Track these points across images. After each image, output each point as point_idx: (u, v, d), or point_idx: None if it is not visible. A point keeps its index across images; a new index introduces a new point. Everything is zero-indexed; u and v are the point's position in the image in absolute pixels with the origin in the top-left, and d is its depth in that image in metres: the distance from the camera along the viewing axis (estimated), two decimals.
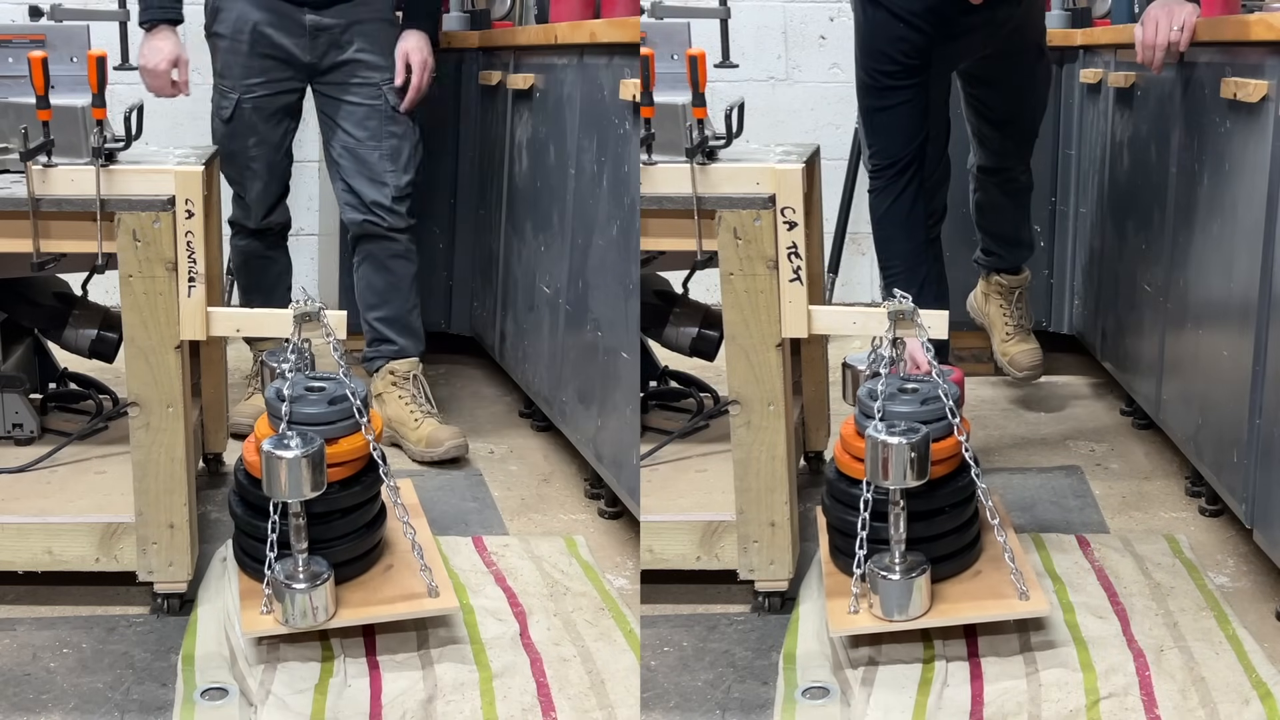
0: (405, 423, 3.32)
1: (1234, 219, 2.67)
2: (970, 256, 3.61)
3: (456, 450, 3.27)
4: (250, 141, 3.27)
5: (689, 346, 3.10)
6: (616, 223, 2.76)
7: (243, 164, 3.30)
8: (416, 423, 3.31)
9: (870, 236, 2.95)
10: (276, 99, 3.27)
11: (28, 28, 2.90)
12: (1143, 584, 2.58)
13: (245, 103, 3.24)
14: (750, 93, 3.72)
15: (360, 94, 3.29)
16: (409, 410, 3.33)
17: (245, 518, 2.38)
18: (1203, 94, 2.86)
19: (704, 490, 2.66)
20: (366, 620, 2.33)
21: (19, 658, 2.35)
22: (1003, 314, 3.61)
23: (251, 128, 3.26)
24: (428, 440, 3.28)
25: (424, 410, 3.35)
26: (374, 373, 3.42)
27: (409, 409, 3.34)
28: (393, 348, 3.40)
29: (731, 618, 2.50)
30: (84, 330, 2.96)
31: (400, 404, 3.35)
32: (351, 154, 3.30)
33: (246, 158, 3.29)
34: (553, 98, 3.24)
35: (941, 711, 2.18)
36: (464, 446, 3.29)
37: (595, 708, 2.22)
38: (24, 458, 2.76)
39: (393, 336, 3.40)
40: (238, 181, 3.34)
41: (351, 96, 3.29)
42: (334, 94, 3.30)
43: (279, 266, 3.53)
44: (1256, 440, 2.52)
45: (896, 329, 2.37)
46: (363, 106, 3.29)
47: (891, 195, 2.79)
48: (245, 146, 3.28)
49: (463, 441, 3.29)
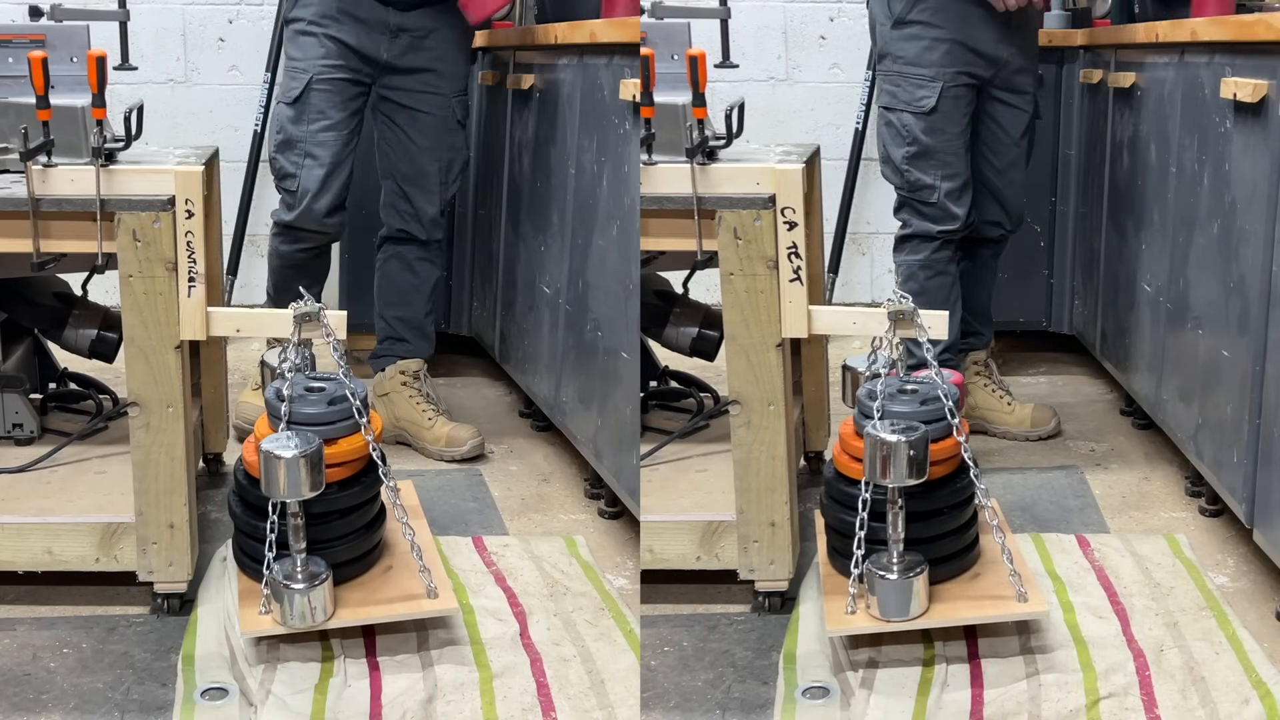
0: (418, 422, 3.31)
1: (1234, 219, 2.67)
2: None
3: (477, 449, 3.28)
4: (319, 125, 3.16)
5: (689, 346, 3.10)
6: (616, 223, 2.76)
7: (305, 150, 3.17)
8: (430, 422, 3.31)
9: (871, 236, 2.97)
10: (349, 88, 3.19)
11: (28, 28, 2.89)
12: (1143, 584, 2.58)
13: (317, 84, 3.16)
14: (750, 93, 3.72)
15: (431, 104, 3.29)
16: (421, 410, 3.33)
17: (244, 518, 2.38)
18: (1203, 94, 2.86)
19: (704, 490, 2.66)
20: (365, 621, 2.32)
21: (19, 658, 2.35)
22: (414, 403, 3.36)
23: (321, 112, 3.17)
24: (448, 440, 3.28)
25: (435, 409, 3.35)
26: (380, 370, 3.41)
27: (420, 408, 3.33)
28: (406, 347, 3.41)
29: (731, 618, 2.50)
30: (84, 330, 2.96)
31: (411, 404, 3.34)
32: (411, 160, 3.31)
33: (312, 142, 3.17)
34: (553, 98, 3.24)
35: (942, 712, 2.17)
36: (483, 444, 3.30)
37: (595, 708, 2.22)
38: (24, 458, 2.76)
39: (407, 337, 3.41)
40: (293, 173, 3.19)
41: (422, 105, 3.28)
42: (403, 100, 3.27)
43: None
44: (1256, 440, 2.52)
45: (896, 329, 2.37)
46: (431, 116, 3.29)
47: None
48: (310, 132, 3.16)
49: (482, 439, 3.30)
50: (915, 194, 3.15)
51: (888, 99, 3.16)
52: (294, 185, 3.20)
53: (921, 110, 3.09)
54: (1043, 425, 3.41)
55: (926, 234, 3.17)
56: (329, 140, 3.17)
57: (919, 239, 3.18)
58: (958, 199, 3.14)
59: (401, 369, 3.38)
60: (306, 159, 3.18)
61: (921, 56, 3.09)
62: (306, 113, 3.17)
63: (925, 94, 3.08)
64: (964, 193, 3.15)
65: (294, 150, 3.18)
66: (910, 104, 3.10)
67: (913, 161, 3.12)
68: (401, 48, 3.23)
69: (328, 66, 3.17)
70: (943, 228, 3.15)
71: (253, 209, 4.43)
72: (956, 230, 3.16)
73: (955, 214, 3.13)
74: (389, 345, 3.42)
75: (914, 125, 3.10)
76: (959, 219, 3.14)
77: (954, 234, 3.16)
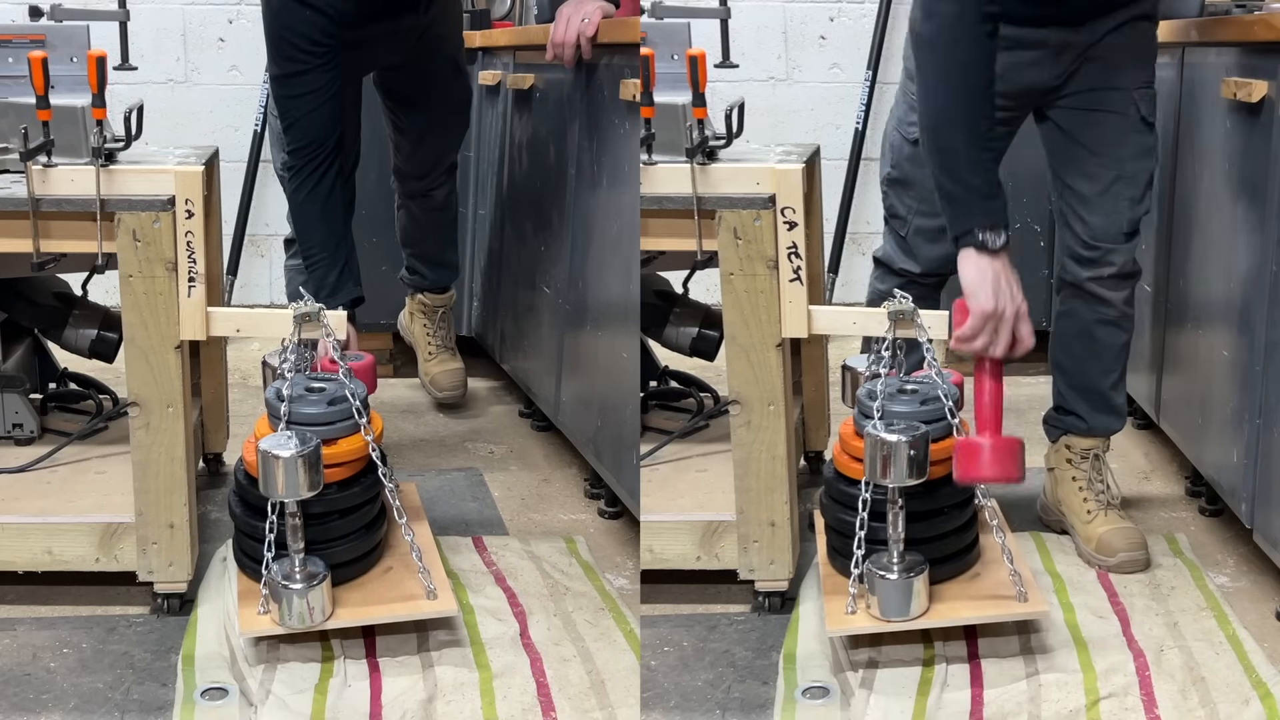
0: (420, 347, 3.59)
1: (1234, 219, 2.67)
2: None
3: (453, 398, 3.62)
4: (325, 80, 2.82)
5: (689, 346, 3.09)
6: (616, 223, 2.76)
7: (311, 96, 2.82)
8: (430, 356, 3.60)
9: (871, 237, 2.94)
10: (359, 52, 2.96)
11: (28, 28, 2.89)
12: (1143, 584, 2.58)
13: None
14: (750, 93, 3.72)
15: (443, 69, 3.31)
16: (426, 339, 3.64)
17: (244, 518, 2.38)
18: (1203, 94, 2.86)
19: (704, 490, 2.66)
20: (363, 622, 2.32)
21: (19, 658, 2.35)
22: (426, 333, 3.69)
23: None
24: (433, 379, 3.61)
25: (439, 344, 3.62)
26: (408, 295, 3.69)
27: (426, 337, 3.64)
28: (422, 280, 3.63)
29: (731, 618, 2.50)
30: (84, 330, 2.96)
31: (423, 330, 3.65)
32: (432, 122, 3.36)
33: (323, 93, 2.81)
34: (553, 98, 3.24)
35: (941, 712, 2.17)
36: (459, 395, 3.62)
37: (595, 708, 2.22)
38: (24, 458, 2.76)
39: (423, 270, 3.64)
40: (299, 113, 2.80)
41: (436, 66, 3.29)
42: (411, 82, 3.28)
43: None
44: (1256, 440, 2.52)
45: (896, 329, 2.37)
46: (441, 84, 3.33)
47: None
48: (326, 82, 2.79)
49: (461, 392, 3.58)
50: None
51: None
52: (298, 121, 3.11)
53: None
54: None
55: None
56: (341, 93, 3.17)
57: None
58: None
59: (422, 301, 3.66)
60: (311, 96, 3.14)
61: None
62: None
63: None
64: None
65: (299, 102, 3.15)
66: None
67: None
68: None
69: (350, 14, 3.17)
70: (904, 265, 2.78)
71: (253, 209, 4.43)
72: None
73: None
74: (410, 276, 3.66)
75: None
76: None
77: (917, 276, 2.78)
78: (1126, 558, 2.61)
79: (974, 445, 2.22)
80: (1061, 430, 2.78)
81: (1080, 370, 2.72)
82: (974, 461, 2.22)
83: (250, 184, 4.39)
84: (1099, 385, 2.72)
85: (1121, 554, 2.61)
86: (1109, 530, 2.65)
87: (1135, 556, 2.62)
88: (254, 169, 4.38)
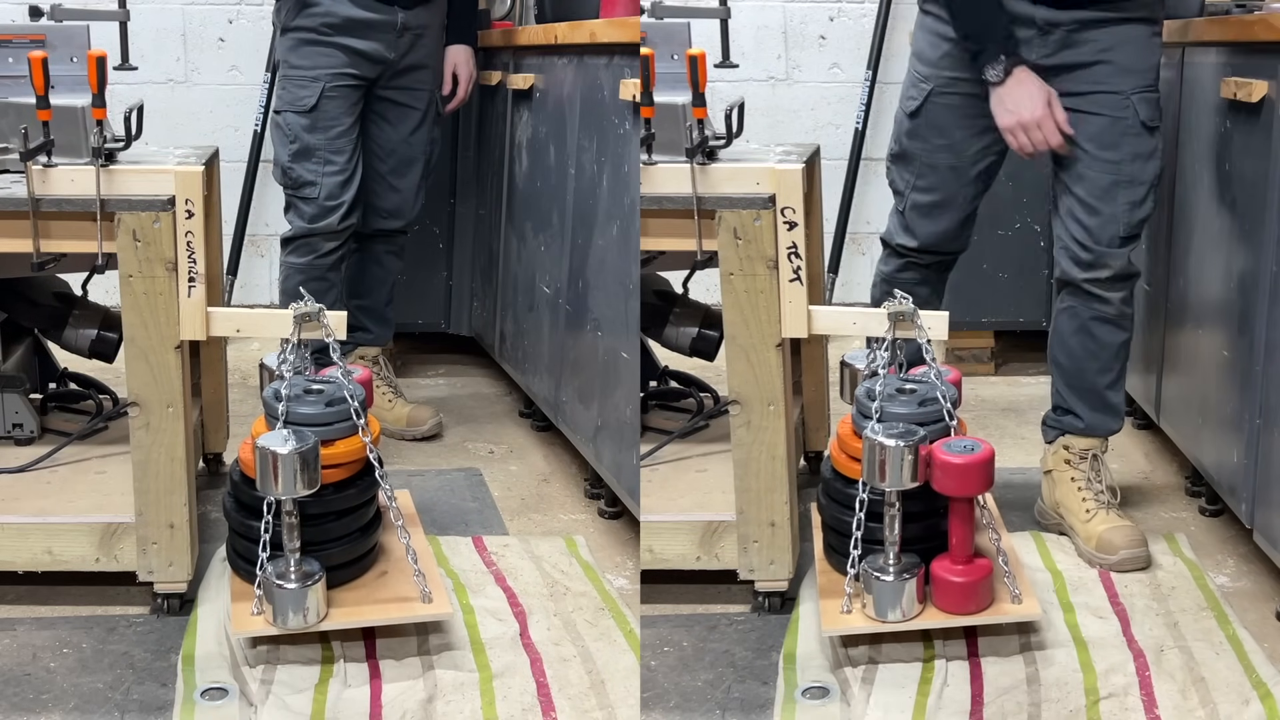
0: (379, 404, 3.47)
1: (1234, 219, 2.67)
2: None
3: (437, 428, 3.48)
4: (334, 131, 3.24)
5: (689, 346, 3.09)
6: (616, 223, 2.76)
7: (324, 156, 3.24)
8: (391, 404, 3.49)
9: (871, 236, 2.94)
10: (354, 93, 3.27)
11: (28, 28, 2.89)
12: (1143, 584, 2.58)
13: (330, 91, 3.23)
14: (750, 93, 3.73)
15: (418, 99, 3.38)
16: (381, 393, 3.49)
17: (238, 518, 2.38)
18: (1203, 94, 2.86)
19: (704, 490, 2.66)
20: (358, 623, 2.32)
21: (19, 658, 2.34)
22: (378, 385, 3.49)
23: (335, 118, 3.24)
24: (409, 419, 3.47)
25: (395, 392, 3.53)
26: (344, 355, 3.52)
27: (381, 391, 3.49)
28: (368, 336, 3.55)
29: (731, 618, 2.50)
30: (84, 330, 2.96)
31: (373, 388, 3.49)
32: (395, 155, 3.39)
33: (330, 149, 3.24)
34: (553, 98, 3.24)
35: (941, 711, 2.17)
36: (441, 424, 3.51)
37: (595, 708, 2.22)
38: (24, 458, 2.76)
39: (369, 325, 3.54)
40: (313, 181, 3.24)
41: (411, 100, 3.37)
42: (395, 96, 3.35)
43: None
44: (1256, 440, 2.52)
45: (896, 329, 2.37)
46: (416, 111, 3.38)
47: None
48: (329, 139, 3.24)
49: (440, 419, 3.50)
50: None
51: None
52: (315, 192, 3.26)
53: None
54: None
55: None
56: (344, 145, 3.27)
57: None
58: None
59: (361, 355, 3.52)
60: (326, 165, 3.25)
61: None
62: (321, 120, 3.24)
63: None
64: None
65: (312, 158, 3.24)
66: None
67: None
68: (404, 47, 3.31)
69: (339, 74, 3.24)
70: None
71: (253, 209, 4.43)
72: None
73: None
74: (352, 334, 3.49)
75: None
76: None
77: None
78: (1127, 555, 2.61)
79: (950, 583, 2.28)
80: (1059, 430, 2.79)
81: (1078, 369, 2.72)
82: (950, 598, 2.30)
83: (250, 184, 4.38)
84: (1096, 384, 2.72)
85: (1122, 551, 2.61)
86: (1109, 528, 2.65)
87: (1136, 554, 2.61)
88: (254, 169, 4.38)
